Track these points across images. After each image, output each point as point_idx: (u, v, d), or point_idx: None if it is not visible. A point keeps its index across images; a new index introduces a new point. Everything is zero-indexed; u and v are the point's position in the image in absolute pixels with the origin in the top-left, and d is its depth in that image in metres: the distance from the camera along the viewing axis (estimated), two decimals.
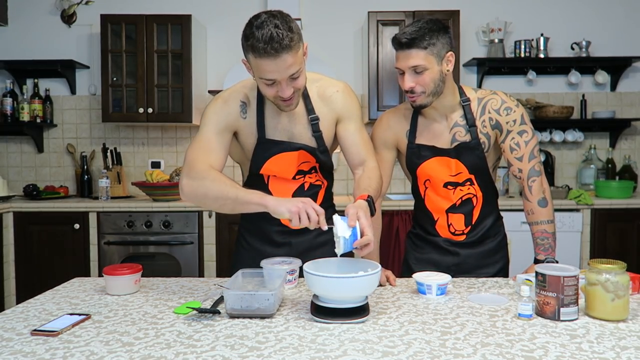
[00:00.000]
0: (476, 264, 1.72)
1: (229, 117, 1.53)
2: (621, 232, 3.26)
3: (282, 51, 1.31)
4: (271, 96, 1.43)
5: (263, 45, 1.30)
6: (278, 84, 1.38)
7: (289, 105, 1.45)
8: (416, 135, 1.68)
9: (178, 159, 3.90)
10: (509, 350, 1.02)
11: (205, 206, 1.46)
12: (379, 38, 3.46)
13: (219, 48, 3.85)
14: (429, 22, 1.53)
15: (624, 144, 3.90)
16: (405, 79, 1.55)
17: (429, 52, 1.51)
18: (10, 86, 3.67)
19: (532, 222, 1.65)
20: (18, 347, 1.05)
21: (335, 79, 1.64)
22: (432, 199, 1.70)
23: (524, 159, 1.63)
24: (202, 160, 1.44)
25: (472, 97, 1.66)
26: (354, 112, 1.61)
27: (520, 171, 1.65)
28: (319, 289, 1.21)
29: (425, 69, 1.52)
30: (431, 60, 1.52)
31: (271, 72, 1.35)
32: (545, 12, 3.84)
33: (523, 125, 1.64)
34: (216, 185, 1.38)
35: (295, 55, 1.35)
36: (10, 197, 3.41)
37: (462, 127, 1.65)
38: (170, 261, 3.24)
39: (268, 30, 1.29)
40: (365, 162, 1.60)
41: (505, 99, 1.65)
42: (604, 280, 1.19)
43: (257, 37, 1.30)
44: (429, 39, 1.50)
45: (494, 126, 1.64)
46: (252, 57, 1.35)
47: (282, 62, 1.33)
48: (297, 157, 1.57)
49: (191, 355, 1.00)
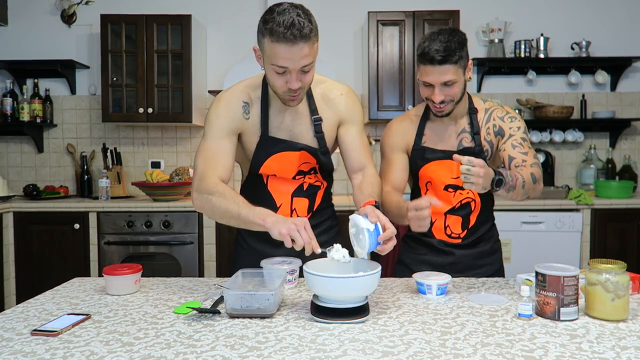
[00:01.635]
0: (471, 263, 1.73)
1: (232, 119, 1.53)
2: (621, 232, 3.26)
3: (300, 39, 1.33)
4: (279, 87, 1.43)
5: (283, 30, 1.31)
6: (288, 73, 1.38)
7: (294, 99, 1.46)
8: (423, 138, 1.70)
9: (178, 159, 3.90)
10: (509, 350, 1.02)
11: (215, 220, 1.49)
12: (379, 38, 3.46)
13: (219, 48, 3.85)
14: (452, 34, 1.52)
15: (624, 144, 3.89)
16: (436, 93, 1.55)
17: (459, 65, 1.53)
18: (10, 86, 3.67)
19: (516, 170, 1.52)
20: (18, 347, 1.05)
21: (339, 82, 1.65)
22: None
23: (529, 154, 1.61)
24: (210, 174, 1.46)
25: (480, 107, 1.70)
26: (357, 116, 1.62)
27: (524, 161, 1.59)
28: (319, 289, 1.21)
29: (455, 82, 1.54)
30: (460, 73, 1.54)
31: (285, 59, 1.35)
32: (545, 12, 3.84)
33: (525, 134, 1.67)
34: (222, 203, 1.40)
35: (311, 48, 1.37)
36: (10, 197, 3.41)
37: (468, 133, 1.68)
38: (170, 261, 3.24)
39: (290, 17, 1.32)
40: (365, 167, 1.61)
41: (510, 111, 1.71)
42: (604, 280, 1.19)
43: (277, 22, 1.32)
44: (459, 53, 1.51)
45: (497, 132, 1.67)
46: (269, 41, 1.35)
47: (299, 50, 1.34)
48: (299, 157, 1.58)
49: (191, 355, 1.00)
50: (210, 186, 1.43)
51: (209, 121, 1.54)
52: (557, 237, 3.20)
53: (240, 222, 1.39)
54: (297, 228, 1.27)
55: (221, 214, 1.42)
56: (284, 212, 1.61)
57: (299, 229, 1.27)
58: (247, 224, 1.38)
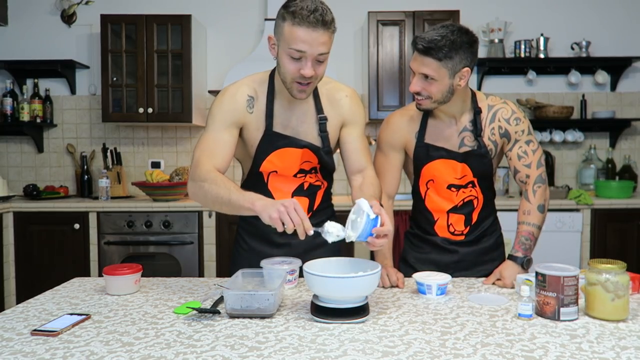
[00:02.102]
0: (475, 260, 1.72)
1: (235, 112, 1.53)
2: (621, 232, 3.26)
3: (321, 25, 1.35)
4: (291, 73, 1.42)
5: (306, 13, 1.34)
6: (304, 59, 1.39)
7: (303, 90, 1.45)
8: (425, 135, 1.68)
9: (178, 159, 3.90)
10: (509, 350, 1.02)
11: (208, 208, 1.48)
12: (379, 38, 3.46)
13: (219, 48, 3.85)
14: (454, 32, 1.46)
15: (624, 144, 3.89)
16: (413, 82, 1.54)
17: (443, 64, 1.47)
18: (10, 86, 3.67)
19: (523, 222, 1.64)
20: (18, 347, 1.05)
21: (344, 84, 1.66)
22: (433, 199, 1.71)
23: (532, 166, 1.65)
24: (205, 162, 1.45)
25: (483, 105, 1.66)
26: (359, 119, 1.63)
27: (527, 177, 1.65)
28: (319, 289, 1.21)
29: (434, 79, 1.49)
30: (443, 73, 1.48)
31: (304, 42, 1.36)
32: (545, 12, 3.84)
33: (530, 135, 1.66)
34: (213, 189, 1.38)
35: (330, 38, 1.39)
36: (10, 197, 3.41)
37: (470, 132, 1.65)
38: (170, 261, 3.24)
39: (313, 3, 1.36)
40: (364, 169, 1.61)
41: (515, 109, 1.67)
42: (604, 280, 1.19)
43: (301, 6, 1.35)
44: (446, 52, 1.45)
45: (502, 134, 1.66)
46: (289, 23, 1.36)
47: (318, 36, 1.36)
48: (301, 154, 1.58)
49: (191, 355, 1.00)
50: (204, 173, 1.42)
51: (212, 113, 1.53)
52: (557, 237, 3.20)
53: (231, 207, 1.36)
54: (287, 210, 1.23)
55: (213, 200, 1.39)
56: None
57: (289, 211, 1.23)
58: (237, 209, 1.34)
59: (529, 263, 1.59)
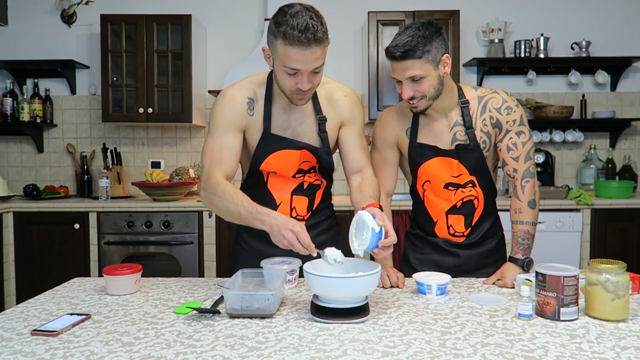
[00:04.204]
0: (477, 264, 1.71)
1: (237, 116, 1.54)
2: (621, 232, 3.26)
3: (314, 43, 1.34)
4: (289, 87, 1.43)
5: (297, 34, 1.32)
6: (300, 74, 1.39)
7: (302, 98, 1.47)
8: (417, 134, 1.68)
9: (178, 159, 3.90)
10: (509, 350, 1.02)
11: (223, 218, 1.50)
12: (379, 38, 3.46)
13: (219, 48, 3.85)
14: (420, 28, 1.49)
15: (624, 144, 3.89)
16: (404, 89, 1.53)
17: (425, 60, 1.49)
18: (10, 86, 3.67)
19: (516, 221, 1.64)
20: (18, 347, 1.05)
21: (342, 84, 1.66)
22: (431, 200, 1.70)
23: (520, 159, 1.63)
24: (215, 173, 1.48)
25: (472, 96, 1.65)
26: (358, 119, 1.63)
27: (515, 171, 1.64)
28: (319, 289, 1.21)
29: (422, 77, 1.50)
30: (428, 68, 1.50)
31: (298, 61, 1.36)
32: (545, 12, 3.84)
33: (522, 126, 1.64)
34: (223, 204, 1.42)
35: (323, 50, 1.38)
36: (10, 197, 3.41)
37: (461, 126, 1.64)
38: (170, 261, 3.24)
39: (304, 20, 1.32)
40: (363, 169, 1.61)
41: (507, 98, 1.64)
42: (604, 280, 1.19)
43: (291, 25, 1.32)
44: (422, 47, 1.47)
45: (494, 125, 1.63)
46: (282, 43, 1.35)
47: (312, 53, 1.35)
48: (300, 155, 1.58)
49: (191, 355, 1.00)
50: (213, 186, 1.45)
51: (214, 117, 1.54)
52: (557, 237, 3.20)
53: (241, 222, 1.41)
54: (296, 236, 1.28)
55: (224, 214, 1.45)
56: (284, 210, 1.61)
57: (299, 237, 1.28)
58: (248, 224, 1.40)
59: (529, 264, 1.58)
